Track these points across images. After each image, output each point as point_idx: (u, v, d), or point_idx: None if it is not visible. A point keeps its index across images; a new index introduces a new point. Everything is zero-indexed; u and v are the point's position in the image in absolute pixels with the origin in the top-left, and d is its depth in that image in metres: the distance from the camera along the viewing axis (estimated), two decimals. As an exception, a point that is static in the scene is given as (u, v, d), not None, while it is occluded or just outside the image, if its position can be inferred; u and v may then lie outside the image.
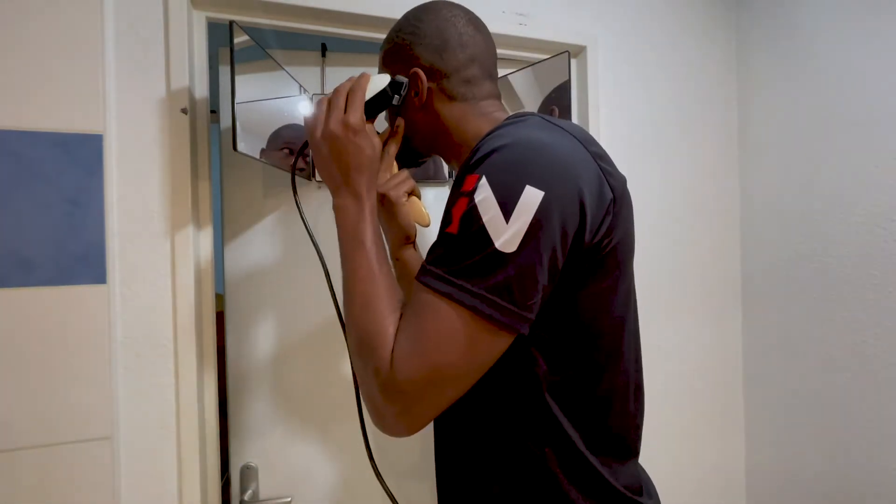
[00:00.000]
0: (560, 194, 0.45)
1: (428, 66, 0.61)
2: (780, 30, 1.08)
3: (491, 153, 0.47)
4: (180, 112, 0.78)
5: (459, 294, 0.44)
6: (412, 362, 0.44)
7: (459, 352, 0.44)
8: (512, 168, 0.46)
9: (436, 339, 0.44)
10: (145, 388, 0.76)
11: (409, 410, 0.46)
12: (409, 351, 0.45)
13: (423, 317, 0.45)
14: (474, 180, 0.46)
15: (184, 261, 0.78)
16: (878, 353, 0.89)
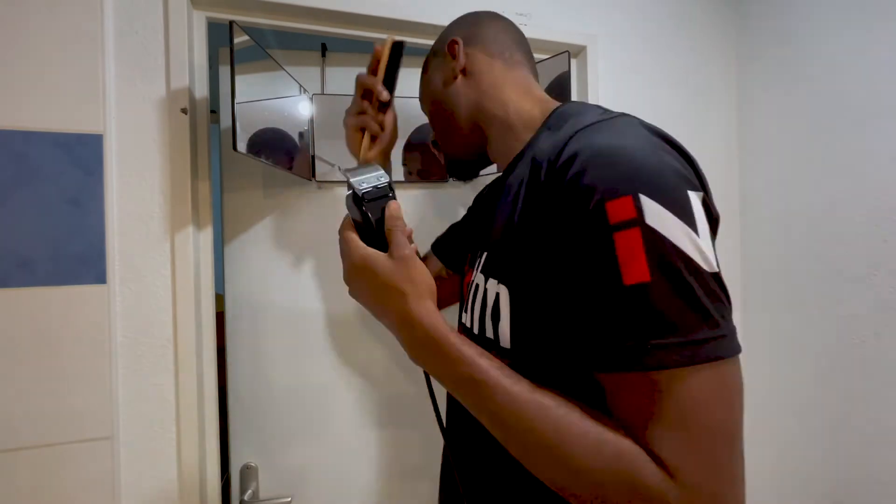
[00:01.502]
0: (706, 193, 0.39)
1: (464, 37, 0.62)
2: (780, 30, 1.08)
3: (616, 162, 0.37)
4: (180, 112, 0.78)
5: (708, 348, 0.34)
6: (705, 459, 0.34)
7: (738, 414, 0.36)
8: (662, 172, 0.37)
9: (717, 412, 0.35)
10: (145, 388, 0.76)
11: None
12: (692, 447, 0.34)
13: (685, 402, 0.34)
14: (629, 203, 0.35)
15: (184, 261, 0.78)
16: (878, 353, 0.89)
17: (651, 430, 0.35)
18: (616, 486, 0.35)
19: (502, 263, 0.47)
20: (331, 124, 0.98)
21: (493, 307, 0.47)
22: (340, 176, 0.98)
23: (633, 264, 0.35)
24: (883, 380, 0.89)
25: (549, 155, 0.43)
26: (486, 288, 0.49)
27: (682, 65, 1.15)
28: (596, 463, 0.36)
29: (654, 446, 0.35)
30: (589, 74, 1.04)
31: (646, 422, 0.35)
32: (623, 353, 0.35)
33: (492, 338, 0.48)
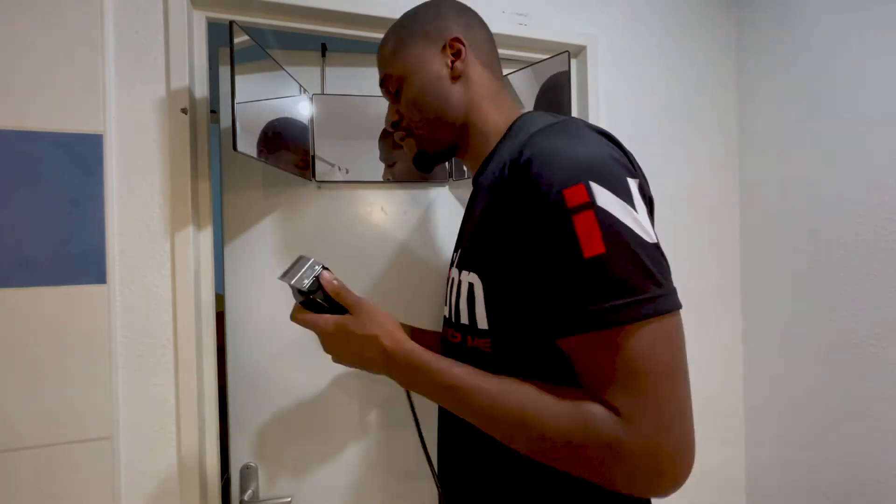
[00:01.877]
0: (642, 180, 0.48)
1: (462, 35, 0.61)
2: (780, 29, 1.08)
3: (568, 157, 0.44)
4: (180, 112, 0.78)
5: (655, 305, 0.40)
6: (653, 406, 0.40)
7: (683, 354, 0.42)
8: (605, 163, 0.44)
9: (663, 361, 0.40)
10: (145, 388, 0.76)
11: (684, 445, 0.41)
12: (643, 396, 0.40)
13: (635, 354, 0.40)
14: (582, 190, 0.42)
15: (184, 261, 0.78)
16: (878, 352, 0.89)
17: (606, 384, 0.42)
18: (578, 437, 0.42)
19: (474, 256, 0.54)
20: (331, 124, 0.98)
21: (469, 295, 0.54)
22: (341, 176, 0.99)
23: (591, 240, 0.41)
24: (882, 380, 0.89)
25: (511, 157, 0.50)
26: (460, 280, 0.56)
27: (682, 64, 1.15)
28: (560, 423, 0.43)
29: (608, 397, 0.42)
30: (589, 74, 1.04)
31: (602, 376, 0.42)
32: (586, 315, 0.41)
33: (467, 323, 0.54)
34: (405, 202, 1.03)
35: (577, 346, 0.43)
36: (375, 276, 1.00)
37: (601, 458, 0.41)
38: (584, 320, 0.42)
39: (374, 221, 1.01)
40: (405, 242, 1.02)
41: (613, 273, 0.41)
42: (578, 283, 0.42)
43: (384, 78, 0.66)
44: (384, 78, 0.66)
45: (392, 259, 1.01)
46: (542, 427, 0.43)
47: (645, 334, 0.40)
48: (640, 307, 0.40)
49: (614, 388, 0.41)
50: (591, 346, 0.42)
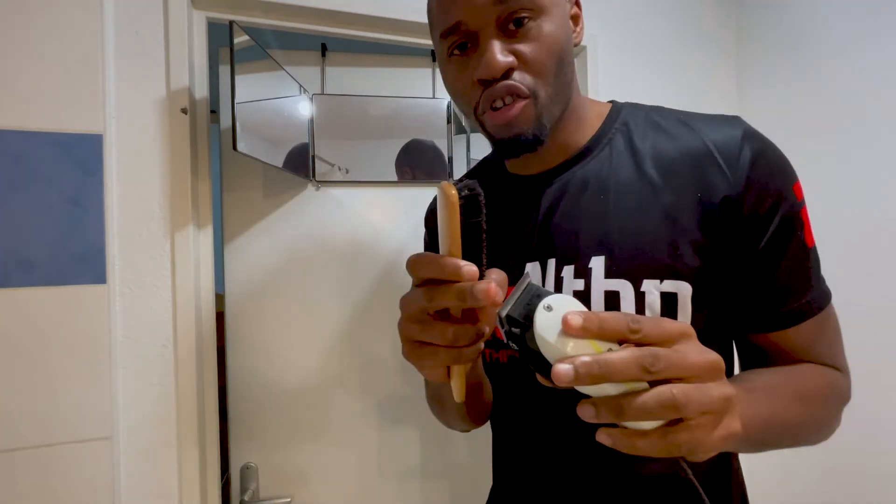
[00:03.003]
0: None
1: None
2: (780, 29, 1.08)
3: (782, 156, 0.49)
4: (180, 112, 0.78)
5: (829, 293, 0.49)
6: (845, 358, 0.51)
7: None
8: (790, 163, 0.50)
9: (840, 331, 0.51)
10: (145, 388, 0.76)
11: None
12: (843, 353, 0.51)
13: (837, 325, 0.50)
14: (800, 187, 0.48)
15: (184, 261, 0.78)
16: (878, 352, 0.89)
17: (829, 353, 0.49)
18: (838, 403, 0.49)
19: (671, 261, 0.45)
20: (331, 124, 0.98)
21: (664, 308, 0.45)
22: (340, 176, 0.99)
23: (809, 232, 0.47)
24: (883, 380, 0.89)
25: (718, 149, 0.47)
26: (640, 291, 0.45)
27: (682, 64, 1.15)
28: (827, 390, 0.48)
29: (833, 361, 0.49)
30: (589, 74, 1.04)
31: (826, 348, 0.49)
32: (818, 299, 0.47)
33: None
34: (405, 202, 1.03)
35: (810, 328, 0.47)
36: (375, 277, 1.00)
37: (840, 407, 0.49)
38: (819, 303, 0.47)
39: (374, 221, 1.01)
40: (405, 242, 1.02)
41: (818, 261, 0.49)
42: (808, 272, 0.48)
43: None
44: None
45: (392, 259, 1.01)
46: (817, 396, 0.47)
47: (832, 308, 0.49)
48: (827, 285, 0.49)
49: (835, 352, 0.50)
50: (820, 324, 0.48)
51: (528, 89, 0.45)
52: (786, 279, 0.47)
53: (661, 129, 0.52)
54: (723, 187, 0.46)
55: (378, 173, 1.01)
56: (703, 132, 0.49)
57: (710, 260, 0.46)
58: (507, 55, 0.44)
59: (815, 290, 0.48)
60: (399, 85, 1.04)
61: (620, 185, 0.49)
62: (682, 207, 0.46)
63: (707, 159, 0.47)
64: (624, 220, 0.48)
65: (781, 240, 0.46)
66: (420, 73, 1.05)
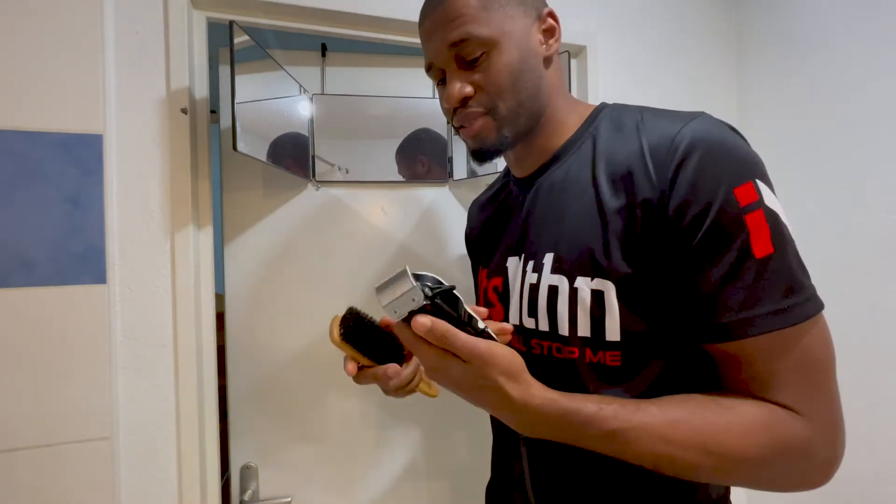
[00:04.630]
0: None
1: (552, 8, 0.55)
2: (780, 28, 1.08)
3: (732, 151, 0.43)
4: (180, 112, 0.78)
5: (813, 306, 0.42)
6: (826, 400, 0.42)
7: (832, 348, 0.43)
8: (758, 160, 0.44)
9: (826, 355, 0.42)
10: (145, 388, 0.76)
11: (843, 436, 0.43)
12: (818, 392, 0.41)
13: (807, 352, 0.41)
14: (752, 188, 0.42)
15: (184, 261, 0.78)
16: (878, 352, 0.89)
17: (782, 384, 0.41)
18: (775, 455, 0.41)
19: (598, 258, 0.48)
20: (331, 124, 0.98)
21: (594, 304, 0.48)
22: (340, 176, 0.99)
23: (761, 240, 0.41)
24: (883, 380, 0.89)
25: (650, 147, 0.46)
26: (574, 287, 0.49)
27: (682, 64, 1.15)
28: (751, 439, 0.41)
29: (784, 398, 0.41)
30: (589, 74, 1.04)
31: (777, 377, 0.41)
32: (765, 317, 0.41)
33: (588, 335, 0.48)
34: (405, 202, 1.03)
35: (754, 349, 0.42)
36: (375, 277, 1.00)
37: (793, 463, 0.41)
38: (763, 322, 0.41)
39: (374, 221, 1.01)
40: (405, 242, 1.02)
41: (784, 273, 0.41)
42: (751, 284, 0.41)
43: (461, 40, 0.51)
44: (461, 40, 0.51)
45: (392, 259, 1.01)
46: (731, 450, 0.40)
47: (815, 331, 0.42)
48: (808, 304, 0.41)
49: (791, 387, 0.41)
50: (769, 347, 0.41)
51: (485, 109, 0.53)
52: (716, 289, 0.42)
53: (621, 130, 0.52)
54: (646, 189, 0.45)
55: (378, 173, 1.01)
56: (646, 132, 0.48)
57: (637, 262, 0.46)
58: (465, 86, 0.53)
59: (760, 307, 0.41)
60: (399, 85, 1.04)
61: (577, 187, 0.52)
62: (615, 209, 0.47)
63: (640, 160, 0.47)
64: (572, 221, 0.51)
65: (711, 246, 0.42)
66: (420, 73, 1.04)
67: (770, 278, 0.41)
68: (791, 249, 0.42)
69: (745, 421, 0.41)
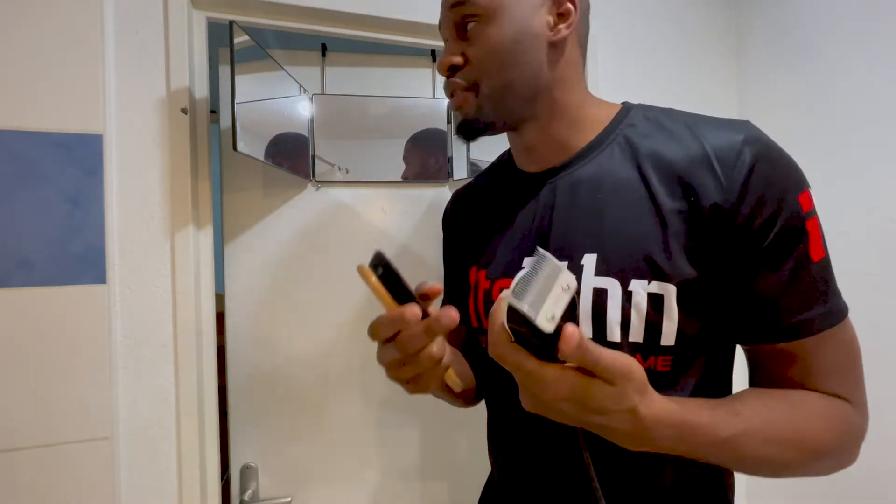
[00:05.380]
0: None
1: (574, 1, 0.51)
2: (781, 29, 1.08)
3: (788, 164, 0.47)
4: (180, 112, 0.78)
5: (845, 303, 0.47)
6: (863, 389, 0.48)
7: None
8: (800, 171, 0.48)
9: (859, 354, 0.48)
10: (145, 388, 0.76)
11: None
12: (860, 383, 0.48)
13: (852, 348, 0.47)
14: (809, 197, 0.46)
15: (184, 261, 0.78)
16: (878, 352, 0.89)
17: (837, 377, 0.45)
18: (846, 442, 0.45)
19: (660, 263, 0.46)
20: (331, 124, 0.98)
21: (651, 309, 0.46)
22: (341, 176, 0.99)
23: (817, 245, 0.45)
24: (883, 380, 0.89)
25: (715, 153, 0.46)
26: (628, 291, 0.46)
27: (682, 64, 1.15)
28: (832, 436, 0.44)
29: (840, 389, 0.45)
30: (589, 74, 1.04)
31: (831, 372, 0.45)
32: (822, 316, 0.44)
33: (641, 341, 0.46)
34: (405, 202, 1.03)
35: (811, 347, 0.45)
36: (375, 276, 1.00)
37: (854, 448, 0.46)
38: (821, 321, 0.44)
39: (374, 221, 1.01)
40: (405, 242, 1.02)
41: (831, 276, 0.46)
42: (810, 285, 0.45)
43: (459, 2, 0.51)
44: (459, 2, 0.51)
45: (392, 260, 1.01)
46: (819, 443, 0.44)
47: (849, 325, 0.46)
48: (842, 302, 0.46)
49: (841, 378, 0.46)
50: (822, 343, 0.45)
51: (467, 83, 0.52)
52: (780, 293, 0.44)
53: (665, 130, 0.51)
54: (715, 194, 0.45)
55: (378, 173, 1.01)
56: (705, 136, 0.48)
57: (700, 265, 0.45)
58: (457, 55, 0.52)
59: (817, 308, 0.44)
60: (399, 85, 1.04)
61: (617, 185, 0.50)
62: (675, 210, 0.46)
63: (704, 164, 0.46)
64: (617, 219, 0.49)
65: (779, 252, 0.44)
66: (420, 73, 1.05)
67: (823, 280, 0.45)
68: (828, 255, 0.47)
69: (822, 414, 0.44)
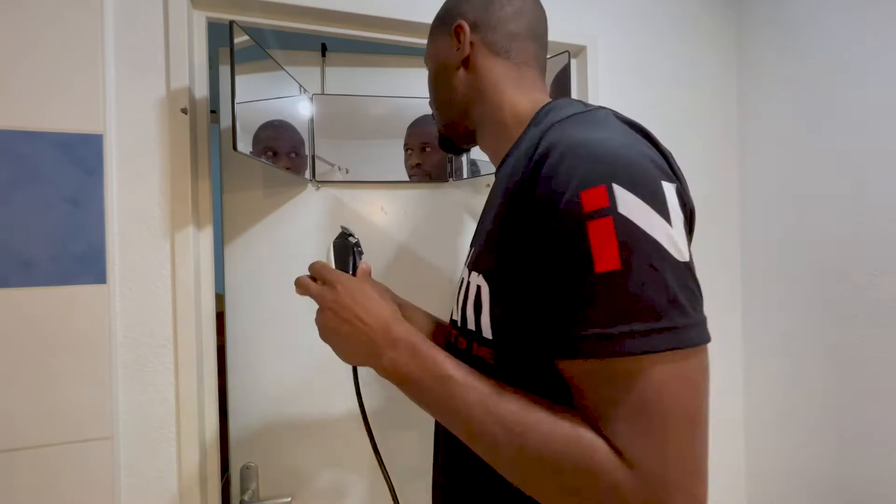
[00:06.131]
0: (682, 188, 0.40)
1: (472, 20, 0.57)
2: (781, 29, 1.08)
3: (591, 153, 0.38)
4: (180, 112, 0.78)
5: (671, 338, 0.34)
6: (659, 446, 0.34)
7: (703, 396, 0.36)
8: (637, 163, 0.37)
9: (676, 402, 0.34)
10: (145, 388, 0.76)
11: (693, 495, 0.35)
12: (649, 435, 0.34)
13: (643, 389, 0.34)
14: (602, 193, 0.36)
15: (184, 261, 0.78)
16: (878, 352, 0.89)
17: (609, 419, 0.35)
18: (573, 472, 0.36)
19: (484, 257, 0.49)
20: (331, 124, 0.98)
21: (475, 299, 0.49)
22: (341, 176, 0.99)
23: (605, 253, 0.35)
24: (884, 380, 0.89)
25: (528, 150, 0.45)
26: (469, 281, 0.51)
27: (682, 64, 1.15)
28: (551, 449, 0.37)
29: (611, 434, 0.35)
30: (589, 74, 1.04)
31: (604, 410, 0.36)
32: (588, 340, 0.35)
33: (473, 329, 0.49)
34: (405, 202, 1.03)
35: (576, 373, 0.38)
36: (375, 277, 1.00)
37: (595, 498, 0.35)
38: (585, 345, 0.36)
39: (374, 221, 1.01)
40: (405, 242, 1.02)
41: (627, 293, 0.34)
42: (585, 300, 0.36)
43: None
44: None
45: (392, 259, 1.01)
46: (532, 442, 0.37)
47: (660, 370, 0.34)
48: (656, 337, 0.34)
49: (618, 425, 0.35)
50: (592, 375, 0.36)
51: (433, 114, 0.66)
52: (552, 301, 0.38)
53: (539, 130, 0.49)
54: (518, 192, 0.43)
55: (378, 173, 1.01)
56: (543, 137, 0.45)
57: (502, 259, 0.44)
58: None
59: (594, 327, 0.35)
60: (399, 85, 1.04)
61: (493, 190, 0.56)
62: (500, 206, 0.47)
63: (521, 162, 0.45)
64: (485, 216, 0.55)
65: (552, 252, 0.37)
66: (420, 73, 1.05)
67: (606, 298, 0.35)
68: (648, 268, 0.35)
69: (559, 425, 0.37)
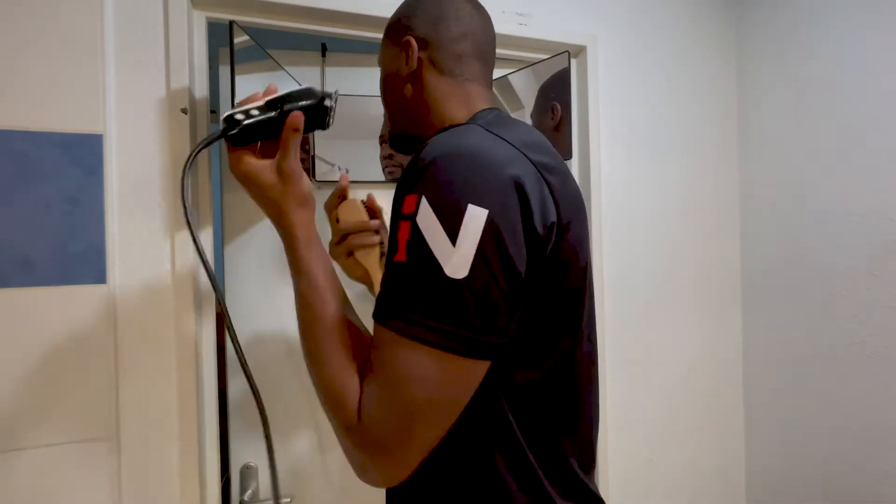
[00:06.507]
0: (504, 211, 0.43)
1: (421, 37, 0.59)
2: (781, 29, 1.09)
3: (427, 168, 0.44)
4: (180, 112, 0.78)
5: (419, 332, 0.41)
6: (383, 409, 0.43)
7: (431, 390, 0.42)
8: (451, 185, 0.43)
9: (405, 380, 0.42)
10: (145, 389, 0.76)
11: (392, 459, 0.45)
12: (378, 397, 0.43)
13: (388, 359, 0.43)
14: (413, 201, 0.43)
15: (184, 261, 0.78)
16: (878, 352, 0.89)
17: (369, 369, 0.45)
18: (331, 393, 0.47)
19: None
20: (331, 124, 0.98)
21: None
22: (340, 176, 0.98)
23: (401, 247, 0.44)
24: (883, 380, 0.89)
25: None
26: None
27: (682, 64, 1.15)
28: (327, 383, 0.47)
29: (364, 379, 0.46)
30: (589, 74, 1.04)
31: (368, 364, 0.46)
32: (377, 305, 0.45)
33: None
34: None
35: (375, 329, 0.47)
36: (375, 276, 1.00)
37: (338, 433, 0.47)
38: (376, 310, 0.46)
39: (374, 221, 1.01)
40: (405, 242, 1.02)
41: (403, 283, 0.43)
42: (386, 278, 0.46)
43: None
44: None
45: (392, 259, 1.01)
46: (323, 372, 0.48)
47: (405, 352, 0.42)
48: (408, 326, 0.42)
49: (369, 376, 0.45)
50: (375, 332, 0.46)
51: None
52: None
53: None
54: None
55: (378, 173, 1.00)
56: None
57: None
58: None
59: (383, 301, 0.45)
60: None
61: None
62: None
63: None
64: None
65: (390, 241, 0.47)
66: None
67: (393, 281, 0.44)
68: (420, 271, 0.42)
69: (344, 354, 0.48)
